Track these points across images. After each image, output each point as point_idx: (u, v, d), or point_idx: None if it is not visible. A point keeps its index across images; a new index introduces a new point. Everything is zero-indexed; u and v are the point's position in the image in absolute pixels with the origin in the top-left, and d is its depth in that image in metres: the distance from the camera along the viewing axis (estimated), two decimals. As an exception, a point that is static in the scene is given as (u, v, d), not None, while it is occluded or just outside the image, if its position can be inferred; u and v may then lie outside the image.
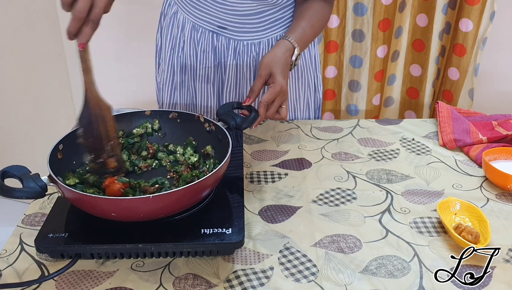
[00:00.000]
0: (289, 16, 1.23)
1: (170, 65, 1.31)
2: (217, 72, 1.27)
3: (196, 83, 1.29)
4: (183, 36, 1.25)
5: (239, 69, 1.26)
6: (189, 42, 1.24)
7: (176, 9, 1.25)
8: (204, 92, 1.30)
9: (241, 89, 1.29)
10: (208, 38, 1.23)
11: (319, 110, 1.42)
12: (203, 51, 1.24)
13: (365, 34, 1.83)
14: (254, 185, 1.06)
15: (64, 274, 0.83)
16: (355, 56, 1.88)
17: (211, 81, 1.28)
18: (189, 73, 1.29)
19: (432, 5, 1.80)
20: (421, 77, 1.94)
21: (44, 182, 0.82)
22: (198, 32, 1.23)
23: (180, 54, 1.27)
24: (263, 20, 1.20)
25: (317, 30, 1.17)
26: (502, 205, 1.01)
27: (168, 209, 0.84)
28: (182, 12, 1.23)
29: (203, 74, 1.28)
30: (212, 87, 1.29)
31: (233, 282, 0.81)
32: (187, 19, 1.23)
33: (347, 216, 0.97)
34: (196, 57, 1.26)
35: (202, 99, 1.31)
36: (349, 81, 1.94)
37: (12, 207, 2.17)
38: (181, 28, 1.25)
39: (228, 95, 1.30)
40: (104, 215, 0.83)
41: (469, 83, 1.86)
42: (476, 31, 1.76)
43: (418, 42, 1.89)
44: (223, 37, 1.22)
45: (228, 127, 1.01)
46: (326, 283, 0.81)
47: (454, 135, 1.21)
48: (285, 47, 1.07)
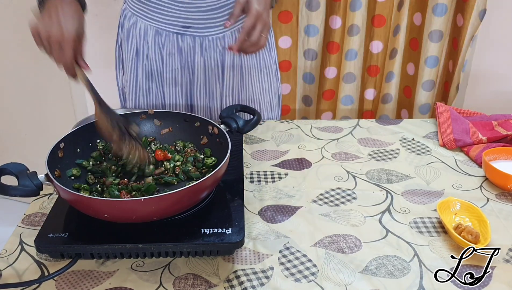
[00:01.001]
0: None
1: (134, 74, 1.29)
2: (184, 73, 1.27)
3: (164, 87, 1.29)
4: (146, 43, 1.24)
5: (207, 66, 1.26)
6: (154, 47, 1.24)
7: (135, 19, 1.24)
8: (172, 94, 1.30)
9: (211, 87, 1.29)
10: (173, 40, 1.22)
11: (280, 99, 1.44)
12: (169, 54, 1.24)
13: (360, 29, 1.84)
14: (254, 185, 1.06)
15: (64, 274, 0.83)
16: None
17: (179, 83, 1.28)
18: (156, 78, 1.28)
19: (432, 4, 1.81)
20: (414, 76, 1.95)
21: (40, 180, 0.82)
22: (162, 36, 1.22)
23: (145, 61, 1.26)
24: (226, 14, 1.20)
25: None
26: (502, 205, 1.01)
27: (164, 212, 0.84)
28: (142, 21, 1.22)
29: (171, 77, 1.27)
30: (180, 88, 1.29)
31: (233, 282, 0.81)
32: (149, 25, 1.22)
33: (347, 216, 0.97)
34: (162, 61, 1.25)
35: (171, 102, 1.31)
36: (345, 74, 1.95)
37: (12, 207, 2.17)
38: (143, 36, 1.24)
39: (199, 94, 1.30)
40: (97, 216, 0.83)
41: (456, 78, 1.87)
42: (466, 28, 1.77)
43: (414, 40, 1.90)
44: (188, 36, 1.22)
45: (230, 130, 1.01)
46: (326, 283, 0.81)
47: (454, 135, 1.21)
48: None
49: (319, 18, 1.83)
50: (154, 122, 1.08)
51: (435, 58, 1.88)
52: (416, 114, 1.99)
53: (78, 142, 1.00)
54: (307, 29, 1.86)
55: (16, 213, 1.14)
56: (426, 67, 1.89)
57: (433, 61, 1.88)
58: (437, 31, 1.83)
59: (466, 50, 1.81)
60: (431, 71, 1.90)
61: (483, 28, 1.80)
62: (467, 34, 1.77)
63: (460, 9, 1.78)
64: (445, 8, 1.79)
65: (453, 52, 1.87)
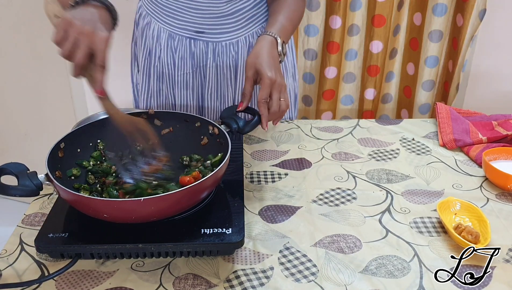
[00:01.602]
0: (264, 11, 1.24)
1: (146, 74, 1.29)
2: (196, 77, 1.27)
3: (175, 90, 1.29)
4: (159, 45, 1.24)
5: (219, 71, 1.26)
6: (166, 50, 1.24)
7: (149, 19, 1.23)
8: (183, 98, 1.30)
9: (223, 91, 1.29)
10: (186, 44, 1.22)
11: (296, 99, 1.43)
12: (181, 58, 1.24)
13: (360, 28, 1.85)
14: (254, 185, 1.06)
15: (64, 274, 0.83)
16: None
17: (191, 87, 1.28)
18: (167, 81, 1.28)
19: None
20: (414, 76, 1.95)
21: (40, 180, 0.82)
22: (175, 40, 1.22)
23: (157, 63, 1.26)
24: (239, 19, 1.20)
25: (295, 22, 1.17)
26: (502, 205, 1.01)
27: (164, 212, 0.84)
28: (156, 22, 1.22)
29: (182, 81, 1.27)
30: (191, 92, 1.29)
31: (233, 282, 0.81)
32: (162, 28, 1.22)
33: (347, 216, 0.97)
34: (174, 64, 1.25)
35: (182, 105, 1.31)
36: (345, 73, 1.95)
37: (12, 207, 2.17)
38: (156, 38, 1.24)
39: (210, 98, 1.29)
40: (97, 216, 0.83)
41: (456, 78, 1.87)
42: (466, 28, 1.77)
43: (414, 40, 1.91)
44: (200, 41, 1.21)
45: (230, 131, 1.01)
46: (326, 283, 0.81)
47: (454, 135, 1.21)
48: (265, 41, 1.05)
49: (319, 18, 1.83)
50: (154, 122, 1.08)
51: (435, 58, 1.88)
52: (416, 114, 1.99)
53: (78, 142, 1.00)
54: (307, 29, 1.86)
55: (16, 213, 1.14)
56: (426, 67, 1.90)
57: (433, 61, 1.88)
58: (437, 31, 1.83)
59: (466, 50, 1.81)
60: (431, 71, 1.90)
61: (483, 28, 1.80)
62: (467, 34, 1.78)
63: (460, 9, 1.78)
64: (445, 8, 1.79)
65: (453, 52, 1.87)
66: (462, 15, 1.77)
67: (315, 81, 1.97)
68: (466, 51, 1.81)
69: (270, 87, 0.98)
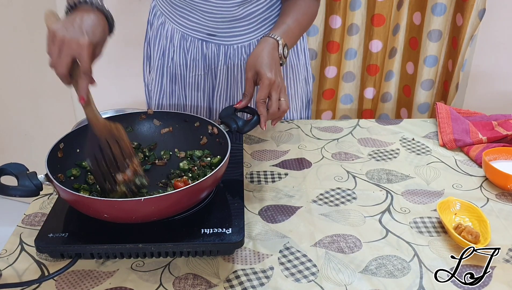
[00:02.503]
0: (277, 14, 1.23)
1: (159, 74, 1.30)
2: (207, 79, 1.27)
3: (186, 91, 1.29)
4: (173, 46, 1.24)
5: (230, 73, 1.26)
6: (179, 51, 1.24)
7: (164, 19, 1.24)
8: (194, 99, 1.30)
9: (232, 92, 1.29)
10: (198, 46, 1.22)
11: (309, 104, 1.42)
12: (193, 60, 1.24)
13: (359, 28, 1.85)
14: (254, 185, 1.06)
15: (64, 274, 0.83)
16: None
17: (201, 89, 1.28)
18: (179, 82, 1.29)
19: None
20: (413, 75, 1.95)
21: (40, 181, 0.82)
22: (188, 41, 1.22)
23: (170, 63, 1.27)
24: (251, 22, 1.20)
25: (303, 25, 1.17)
26: (502, 205, 1.01)
27: (164, 212, 0.84)
28: (170, 22, 1.23)
29: (193, 82, 1.27)
30: (202, 94, 1.29)
31: (233, 282, 0.81)
32: (176, 29, 1.22)
33: (347, 216, 0.97)
34: (186, 66, 1.25)
35: (192, 106, 1.31)
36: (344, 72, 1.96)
37: (12, 207, 2.17)
38: (169, 38, 1.24)
39: (219, 100, 1.30)
40: (97, 216, 0.83)
41: (456, 77, 1.87)
42: (465, 28, 1.77)
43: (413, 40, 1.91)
44: (212, 44, 1.21)
45: (229, 130, 1.01)
46: (326, 283, 0.81)
47: (454, 135, 1.21)
48: (266, 42, 1.05)
49: (319, 17, 1.83)
50: (153, 122, 1.08)
51: (434, 57, 1.88)
52: (415, 113, 1.99)
53: (78, 142, 1.00)
54: (307, 29, 1.86)
55: (16, 213, 1.14)
56: (425, 66, 1.89)
57: (433, 61, 1.88)
58: (436, 31, 1.83)
59: (465, 49, 1.81)
60: (430, 70, 1.90)
61: (482, 28, 1.80)
62: (466, 33, 1.78)
63: (460, 9, 1.78)
64: (445, 8, 1.79)
65: (452, 51, 1.87)
66: (462, 14, 1.77)
67: (315, 81, 1.97)
68: (465, 51, 1.81)
69: (269, 88, 0.99)
